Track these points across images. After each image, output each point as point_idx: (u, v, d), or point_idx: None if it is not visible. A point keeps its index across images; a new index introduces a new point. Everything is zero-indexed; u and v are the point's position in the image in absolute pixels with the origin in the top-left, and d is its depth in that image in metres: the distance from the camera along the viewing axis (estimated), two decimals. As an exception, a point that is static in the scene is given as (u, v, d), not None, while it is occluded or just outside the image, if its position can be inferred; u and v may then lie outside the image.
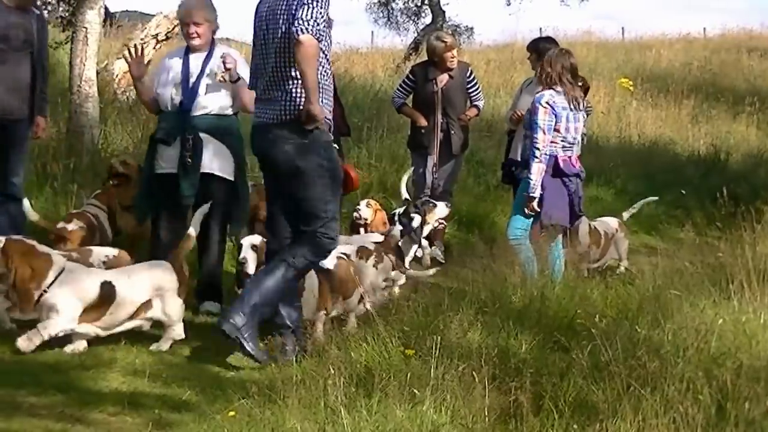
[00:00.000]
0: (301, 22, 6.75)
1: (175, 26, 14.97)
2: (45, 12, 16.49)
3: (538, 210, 8.65)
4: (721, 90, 25.13)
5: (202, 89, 8.42)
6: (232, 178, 8.55)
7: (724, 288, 7.19)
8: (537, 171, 8.57)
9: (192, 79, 8.42)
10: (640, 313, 6.69)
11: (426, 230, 10.23)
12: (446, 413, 5.40)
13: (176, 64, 8.57)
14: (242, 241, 8.06)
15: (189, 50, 8.58)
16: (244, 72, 8.29)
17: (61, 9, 16.17)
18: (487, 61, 24.44)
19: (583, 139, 9.47)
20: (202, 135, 8.37)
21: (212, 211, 8.27)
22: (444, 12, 25.66)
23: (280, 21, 6.97)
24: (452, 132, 11.23)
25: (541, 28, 27.95)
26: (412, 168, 11.46)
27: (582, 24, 53.04)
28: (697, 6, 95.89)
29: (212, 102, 8.44)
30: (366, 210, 10.06)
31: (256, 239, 7.96)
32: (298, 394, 5.59)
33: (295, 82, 6.95)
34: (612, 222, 11.04)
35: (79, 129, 11.87)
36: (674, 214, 14.60)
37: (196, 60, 8.50)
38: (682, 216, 13.63)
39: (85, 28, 11.85)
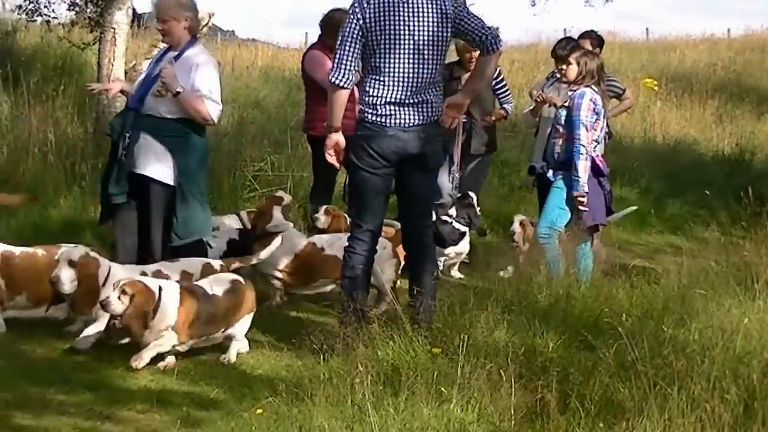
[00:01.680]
0: (491, 30, 7.29)
1: (203, 26, 15.03)
2: (73, 13, 16.63)
3: (585, 208, 8.69)
4: (746, 90, 25.01)
5: (154, 89, 8.08)
6: (170, 183, 8.07)
7: (749, 287, 7.19)
8: (584, 168, 8.59)
9: (152, 77, 8.15)
10: (666, 313, 6.69)
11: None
12: (473, 411, 5.41)
13: (154, 60, 8.39)
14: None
15: (169, 48, 8.35)
16: (204, 80, 8.06)
17: (89, 10, 16.21)
18: (512, 62, 24.39)
19: (606, 138, 9.52)
20: (143, 135, 8.04)
21: (151, 217, 8.10)
22: (470, 12, 25.59)
23: (435, 27, 7.20)
24: (474, 131, 11.23)
25: (565, 29, 27.82)
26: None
27: (606, 24, 52.69)
28: (720, 7, 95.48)
29: (159, 104, 8.05)
30: (324, 217, 9.78)
31: (75, 253, 7.27)
32: (325, 392, 5.61)
33: (440, 85, 7.42)
34: None
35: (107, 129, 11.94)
36: (699, 213, 14.57)
37: (167, 59, 8.20)
38: (707, 216, 13.63)
39: (113, 28, 11.94)
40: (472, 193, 10.82)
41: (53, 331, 7.36)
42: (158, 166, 8.05)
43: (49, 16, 17.45)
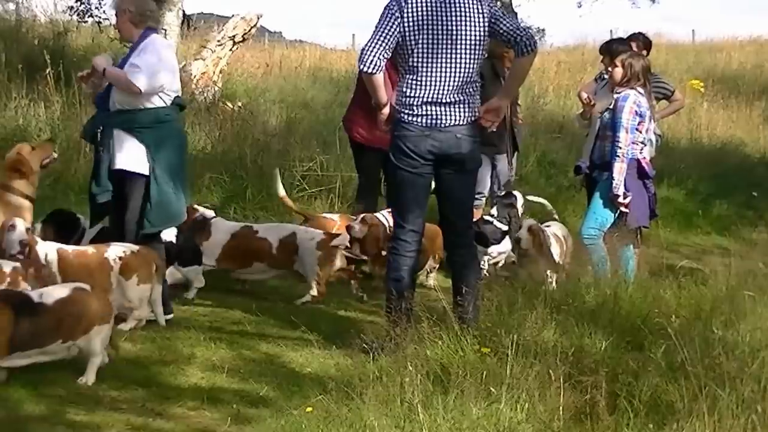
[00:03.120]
0: (526, 31, 7.40)
1: (251, 27, 15.13)
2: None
3: (626, 209, 8.67)
4: (794, 92, 24.87)
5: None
6: (146, 173, 7.89)
7: (798, 289, 7.16)
8: (619, 170, 8.57)
9: None
10: (714, 314, 6.66)
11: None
12: (522, 411, 5.42)
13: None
14: None
15: None
16: (140, 57, 7.80)
17: (140, 11, 16.33)
18: (558, 63, 24.37)
19: (658, 141, 9.49)
20: (115, 131, 7.87)
21: (128, 207, 7.96)
22: (516, 14, 25.62)
23: (474, 28, 7.23)
24: (516, 129, 11.22)
25: (611, 30, 27.71)
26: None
27: (652, 26, 52.42)
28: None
29: (121, 97, 7.86)
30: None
31: None
32: (375, 391, 5.64)
33: (476, 85, 7.39)
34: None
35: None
36: (746, 214, 14.52)
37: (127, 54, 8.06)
38: (754, 217, 13.58)
39: (164, 29, 12.04)
40: (517, 193, 10.81)
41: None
42: (132, 158, 7.90)
43: (100, 17, 17.64)
